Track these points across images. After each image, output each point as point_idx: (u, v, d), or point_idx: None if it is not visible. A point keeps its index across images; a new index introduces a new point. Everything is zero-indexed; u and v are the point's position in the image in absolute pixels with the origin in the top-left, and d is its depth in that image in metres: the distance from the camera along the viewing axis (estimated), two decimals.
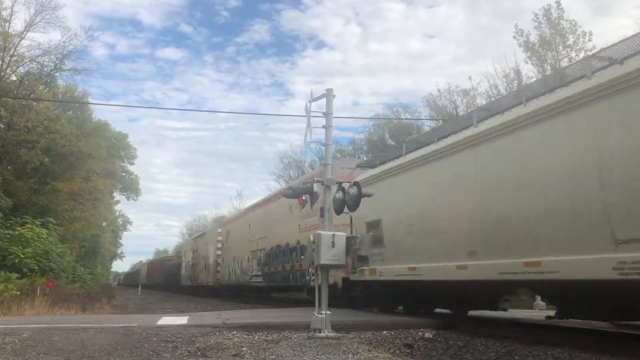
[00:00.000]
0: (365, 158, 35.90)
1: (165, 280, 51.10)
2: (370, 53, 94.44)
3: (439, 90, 30.98)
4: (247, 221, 25.07)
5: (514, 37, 25.82)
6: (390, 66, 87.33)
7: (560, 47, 24.60)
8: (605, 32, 36.10)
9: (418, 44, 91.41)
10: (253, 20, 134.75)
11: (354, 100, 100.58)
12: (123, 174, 51.26)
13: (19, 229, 22.43)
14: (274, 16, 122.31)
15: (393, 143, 32.11)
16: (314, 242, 8.57)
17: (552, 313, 8.83)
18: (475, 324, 9.90)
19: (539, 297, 12.57)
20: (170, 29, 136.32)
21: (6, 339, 7.61)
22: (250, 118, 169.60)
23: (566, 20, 24.65)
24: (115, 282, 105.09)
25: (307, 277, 15.63)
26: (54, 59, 29.28)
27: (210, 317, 11.13)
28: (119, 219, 65.21)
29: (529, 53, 25.42)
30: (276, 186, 44.56)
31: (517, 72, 26.16)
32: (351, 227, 12.77)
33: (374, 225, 11.95)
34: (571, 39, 24.37)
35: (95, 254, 42.73)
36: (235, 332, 8.79)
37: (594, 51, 23.44)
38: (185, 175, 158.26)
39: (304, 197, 9.29)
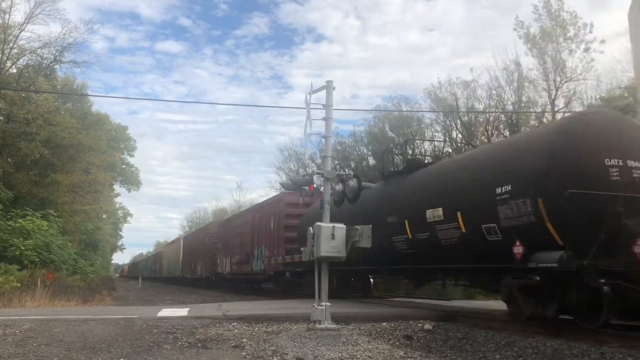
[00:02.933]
0: (365, 150, 35.94)
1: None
2: (369, 46, 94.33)
3: (439, 82, 30.90)
4: None
5: (515, 29, 25.71)
6: (389, 59, 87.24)
7: (561, 39, 24.52)
8: (603, 25, 35.89)
9: (417, 37, 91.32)
10: (252, 13, 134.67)
11: (353, 93, 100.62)
12: (123, 166, 51.21)
13: (20, 221, 22.46)
14: (273, 9, 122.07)
15: (394, 135, 32.04)
16: (313, 233, 8.58)
17: None
18: (475, 316, 9.93)
19: None
20: (169, 22, 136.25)
21: (7, 330, 7.65)
22: (250, 111, 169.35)
23: (567, 12, 24.55)
24: (117, 275, 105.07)
25: None
26: (54, 51, 29.23)
27: (210, 309, 11.17)
28: (119, 211, 65.23)
29: (529, 45, 25.33)
30: (276, 179, 44.40)
31: (517, 64, 26.09)
32: None
33: None
34: (572, 31, 24.30)
35: (96, 246, 42.82)
36: (235, 323, 8.83)
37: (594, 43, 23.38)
38: (184, 168, 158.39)
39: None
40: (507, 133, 25.13)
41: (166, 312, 10.51)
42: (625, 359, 5.98)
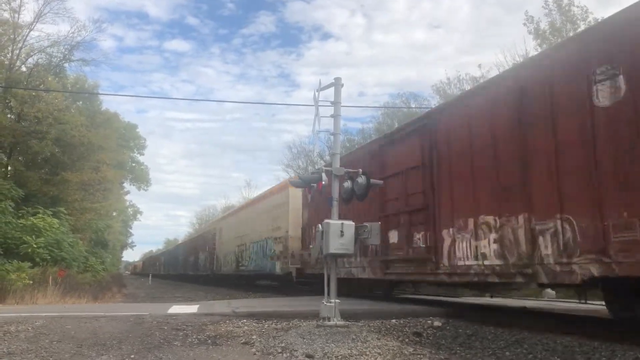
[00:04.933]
0: None
1: None
2: (375, 44, 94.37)
3: (448, 79, 30.82)
4: None
5: (524, 24, 25.58)
6: (395, 57, 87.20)
7: (572, 35, 24.30)
8: None
9: (423, 35, 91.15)
10: (258, 12, 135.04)
11: (360, 91, 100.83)
12: (133, 164, 51.50)
13: (31, 218, 22.65)
14: (279, 8, 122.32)
15: None
16: (322, 231, 8.58)
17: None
18: (484, 313, 9.90)
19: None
20: (176, 21, 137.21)
21: (20, 327, 7.72)
22: (257, 109, 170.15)
23: (577, 7, 24.38)
24: (127, 272, 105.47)
25: None
26: (63, 50, 29.47)
27: (220, 306, 11.21)
28: (129, 209, 65.61)
29: (539, 40, 25.17)
30: (285, 176, 44.43)
31: None
32: None
33: None
34: (582, 26, 24.09)
35: (106, 244, 43.02)
36: (245, 320, 8.86)
37: None
38: (192, 166, 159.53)
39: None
40: None
41: (176, 309, 10.56)
42: (637, 356, 5.94)
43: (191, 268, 39.94)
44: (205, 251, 34.48)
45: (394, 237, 11.51)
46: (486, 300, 13.73)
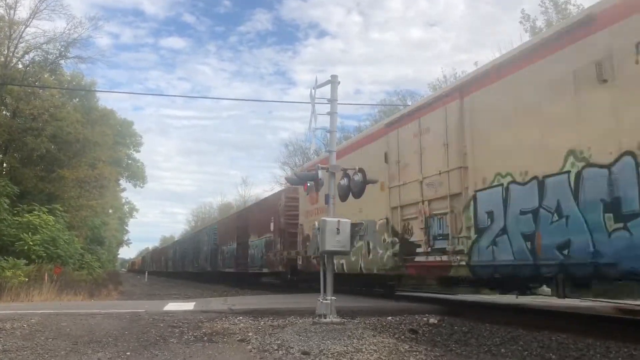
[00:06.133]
0: None
1: None
2: (372, 42, 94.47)
3: (444, 76, 30.83)
4: None
5: (520, 22, 25.64)
6: (392, 55, 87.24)
7: None
8: None
9: (419, 33, 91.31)
10: (254, 9, 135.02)
11: (356, 89, 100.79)
12: (129, 161, 51.37)
13: (27, 215, 22.58)
14: (276, 5, 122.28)
15: None
16: (318, 228, 8.59)
17: None
18: (480, 310, 9.93)
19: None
20: (173, 19, 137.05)
21: (15, 324, 7.70)
22: (253, 107, 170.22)
23: (573, 5, 24.42)
24: (124, 269, 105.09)
25: None
26: (59, 47, 29.33)
27: (216, 303, 11.21)
28: (125, 206, 65.47)
29: None
30: (281, 173, 44.39)
31: None
32: None
33: None
34: None
35: (102, 241, 42.87)
36: (241, 317, 8.85)
37: None
38: (189, 164, 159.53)
39: (308, 184, 9.31)
40: None
41: (172, 306, 10.55)
42: (631, 352, 5.97)
43: (229, 263, 25.05)
44: (269, 232, 19.14)
45: None
46: (481, 297, 13.76)
